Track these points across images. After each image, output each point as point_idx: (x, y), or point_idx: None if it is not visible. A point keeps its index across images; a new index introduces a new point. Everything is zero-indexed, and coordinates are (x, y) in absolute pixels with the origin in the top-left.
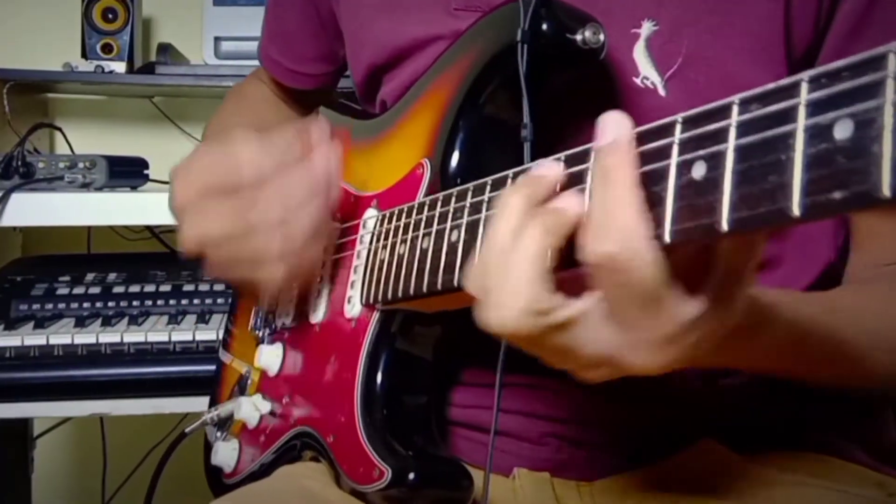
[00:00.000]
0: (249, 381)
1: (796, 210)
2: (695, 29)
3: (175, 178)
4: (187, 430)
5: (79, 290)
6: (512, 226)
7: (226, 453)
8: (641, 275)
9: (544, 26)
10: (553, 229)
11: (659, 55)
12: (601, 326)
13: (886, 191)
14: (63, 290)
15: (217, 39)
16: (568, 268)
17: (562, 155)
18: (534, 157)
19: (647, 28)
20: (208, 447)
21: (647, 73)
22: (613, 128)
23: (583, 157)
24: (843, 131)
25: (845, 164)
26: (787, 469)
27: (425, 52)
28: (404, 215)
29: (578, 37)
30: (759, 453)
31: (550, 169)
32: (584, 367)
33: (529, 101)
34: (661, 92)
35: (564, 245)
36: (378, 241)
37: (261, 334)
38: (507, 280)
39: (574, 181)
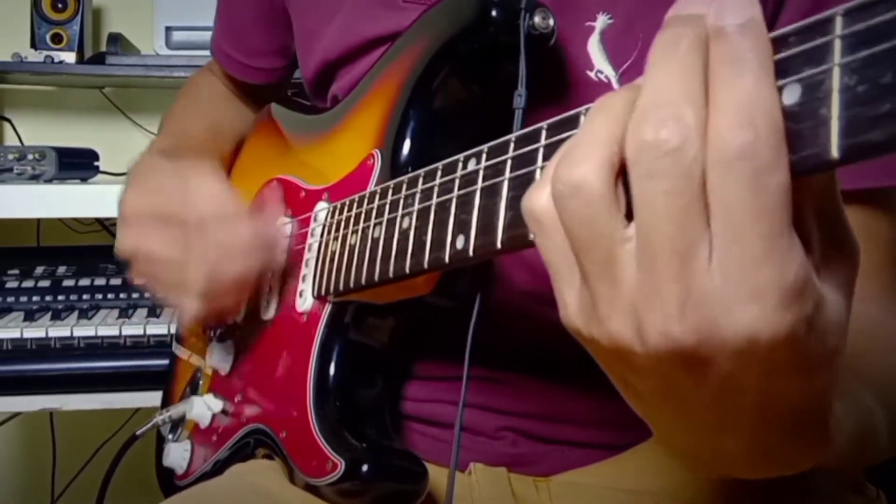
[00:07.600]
0: (201, 380)
1: None
2: (649, 22)
3: (130, 182)
4: (138, 432)
5: (28, 284)
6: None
7: (178, 454)
8: (782, 177)
9: (493, 12)
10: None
11: (613, 49)
12: (724, 247)
13: (835, 152)
14: (12, 284)
15: (168, 29)
16: None
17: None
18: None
19: (601, 21)
20: (160, 445)
21: (601, 66)
22: (737, 3)
23: None
24: (791, 96)
25: (794, 128)
26: None
27: (379, 49)
28: (355, 206)
29: (528, 22)
30: None
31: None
32: (669, 300)
33: (526, 66)
34: (615, 86)
35: None
36: (329, 232)
37: (212, 332)
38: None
39: None
